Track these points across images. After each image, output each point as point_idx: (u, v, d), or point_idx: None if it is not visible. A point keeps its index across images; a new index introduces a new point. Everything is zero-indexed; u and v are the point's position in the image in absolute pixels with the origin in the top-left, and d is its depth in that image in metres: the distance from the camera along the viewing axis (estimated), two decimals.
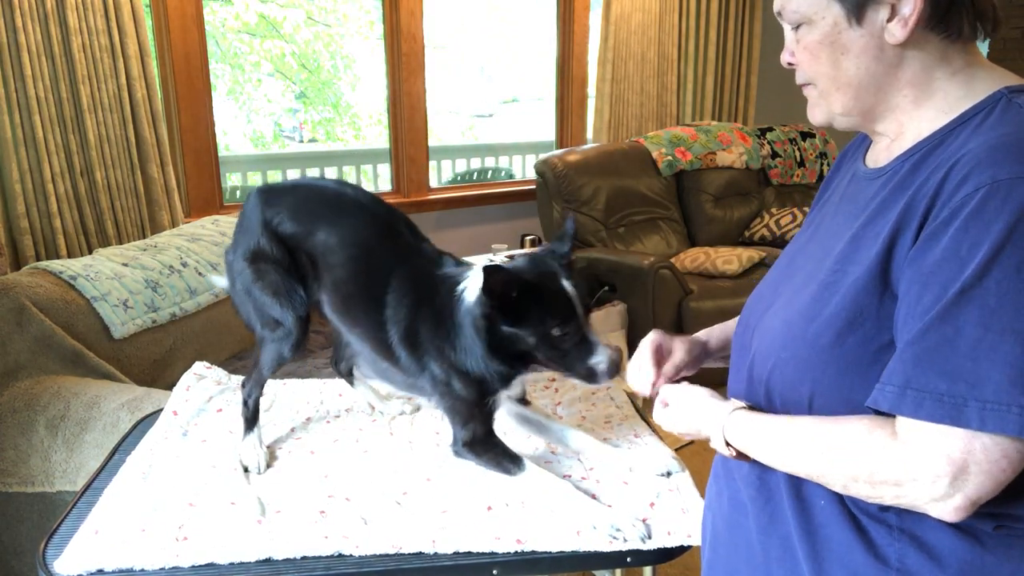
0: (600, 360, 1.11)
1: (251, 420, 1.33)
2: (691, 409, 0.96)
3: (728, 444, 0.88)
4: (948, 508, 0.68)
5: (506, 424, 1.32)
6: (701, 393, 0.98)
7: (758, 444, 0.84)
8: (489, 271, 1.05)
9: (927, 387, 0.68)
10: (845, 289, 0.78)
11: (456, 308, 1.15)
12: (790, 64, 0.89)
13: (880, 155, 0.88)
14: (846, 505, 0.80)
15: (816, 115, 0.90)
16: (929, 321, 0.69)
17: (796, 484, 0.84)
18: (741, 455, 0.88)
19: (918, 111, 0.82)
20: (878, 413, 0.73)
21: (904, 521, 0.77)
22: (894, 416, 0.72)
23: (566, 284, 1.12)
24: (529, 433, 1.32)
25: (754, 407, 0.89)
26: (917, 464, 0.69)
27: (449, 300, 1.17)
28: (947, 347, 0.68)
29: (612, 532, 1.06)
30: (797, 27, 0.85)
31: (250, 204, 1.33)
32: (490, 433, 1.20)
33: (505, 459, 1.18)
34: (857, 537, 0.79)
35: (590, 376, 1.12)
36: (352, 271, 1.24)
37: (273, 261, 1.28)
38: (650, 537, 1.07)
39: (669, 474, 1.22)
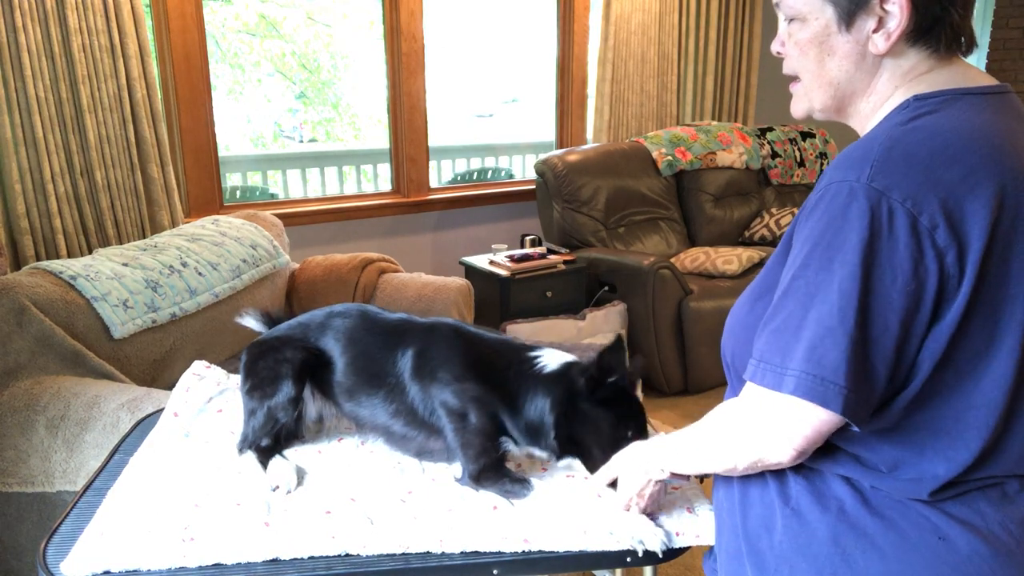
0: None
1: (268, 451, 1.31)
2: (633, 458, 1.05)
3: (661, 468, 1.00)
4: (784, 455, 0.82)
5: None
6: (633, 445, 1.07)
7: (683, 460, 0.96)
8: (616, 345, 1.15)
9: (770, 360, 0.81)
10: (763, 271, 0.94)
11: (525, 377, 1.18)
12: (779, 53, 0.96)
13: None
14: None
15: (797, 107, 0.97)
16: (776, 302, 0.83)
17: None
18: (677, 476, 1.00)
19: (872, 116, 0.91)
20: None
21: (801, 468, 0.90)
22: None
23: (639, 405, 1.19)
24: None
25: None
26: (763, 425, 0.83)
27: (515, 364, 1.20)
28: (779, 321, 0.81)
29: (633, 542, 1.05)
30: (791, 21, 0.91)
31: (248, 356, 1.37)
32: (499, 465, 1.20)
33: (512, 485, 1.18)
34: (773, 475, 0.93)
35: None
36: (356, 351, 1.30)
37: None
38: (671, 543, 1.07)
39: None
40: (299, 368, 1.28)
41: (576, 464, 1.27)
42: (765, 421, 0.82)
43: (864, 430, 0.81)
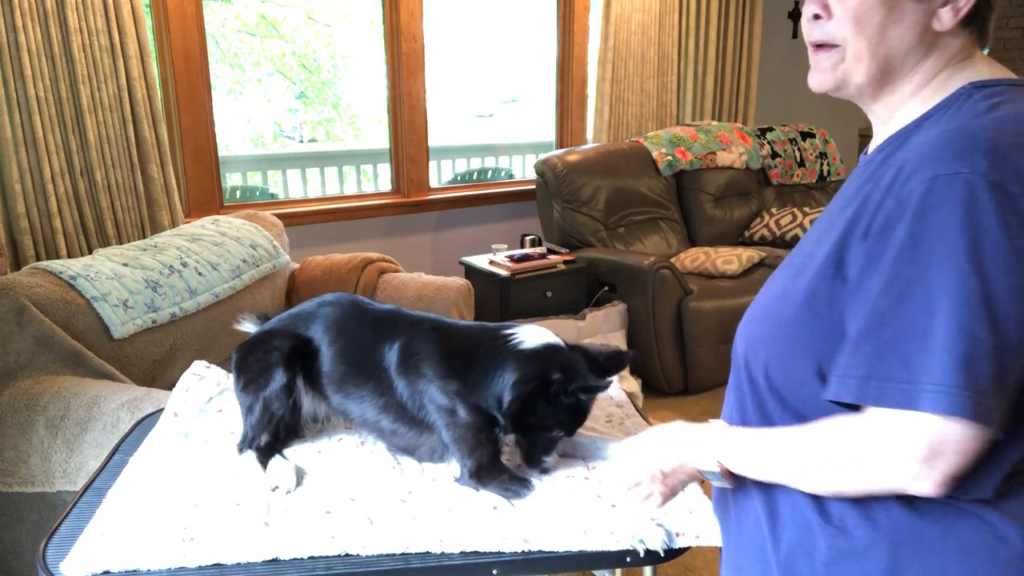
0: (547, 462, 1.21)
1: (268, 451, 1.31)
2: (671, 441, 0.95)
3: (717, 466, 0.89)
4: (928, 485, 0.72)
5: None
6: (676, 424, 0.97)
7: (750, 462, 0.86)
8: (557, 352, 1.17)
9: (887, 376, 0.72)
10: (807, 272, 0.83)
11: (498, 352, 1.20)
12: (817, 17, 0.85)
13: (874, 144, 0.90)
14: None
15: (825, 80, 0.87)
16: (882, 314, 0.73)
17: None
18: (731, 475, 0.89)
19: (910, 100, 0.84)
20: (842, 406, 0.77)
21: None
22: (859, 409, 0.75)
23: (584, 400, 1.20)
24: (564, 452, 1.31)
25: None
26: (895, 451, 0.72)
27: (489, 343, 1.21)
28: (900, 334, 0.71)
29: (634, 542, 1.05)
30: None
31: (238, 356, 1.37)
32: (495, 461, 1.20)
33: (512, 484, 1.18)
34: (807, 496, 0.84)
35: (536, 465, 1.21)
36: (345, 342, 1.30)
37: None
38: (671, 543, 1.07)
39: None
40: (288, 355, 1.28)
41: (579, 461, 1.27)
42: (899, 445, 0.72)
43: None
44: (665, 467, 0.94)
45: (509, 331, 1.22)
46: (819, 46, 0.86)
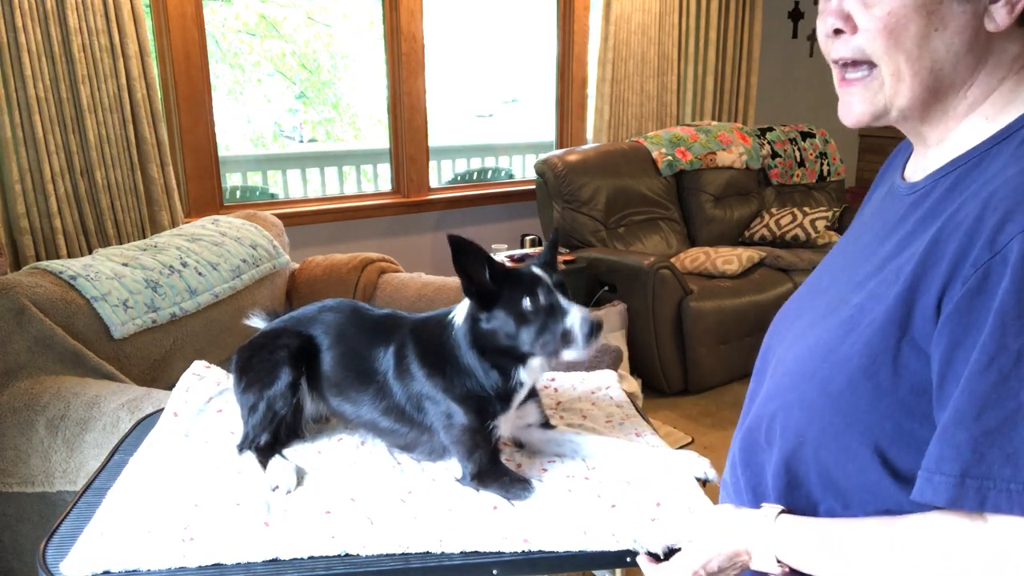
0: (571, 321, 1.09)
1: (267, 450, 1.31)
2: (721, 528, 0.80)
3: (779, 561, 0.75)
4: None
5: (532, 450, 1.31)
6: (726, 508, 0.83)
7: (824, 558, 0.71)
8: (455, 244, 1.07)
9: (989, 475, 0.59)
10: (861, 330, 0.69)
11: (450, 333, 1.20)
12: (837, 32, 0.71)
13: (917, 167, 0.77)
14: None
15: (863, 112, 0.71)
16: (983, 396, 0.59)
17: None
18: (793, 571, 0.75)
19: (968, 118, 0.70)
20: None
21: None
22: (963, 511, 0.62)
23: (534, 268, 1.15)
24: (561, 456, 1.31)
25: (792, 510, 0.76)
26: (1013, 563, 0.59)
27: (442, 328, 1.21)
28: (1008, 426, 0.58)
29: (634, 546, 1.05)
30: None
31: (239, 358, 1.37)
32: (495, 461, 1.20)
33: (513, 485, 1.18)
34: None
35: (567, 340, 1.10)
36: (345, 348, 1.30)
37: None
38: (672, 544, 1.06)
39: (706, 482, 1.21)
40: (296, 353, 1.28)
41: (579, 461, 1.27)
42: (1013, 560, 0.59)
43: None
44: (713, 567, 0.80)
45: (452, 311, 1.23)
46: (849, 64, 0.72)
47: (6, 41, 2.39)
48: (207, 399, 1.51)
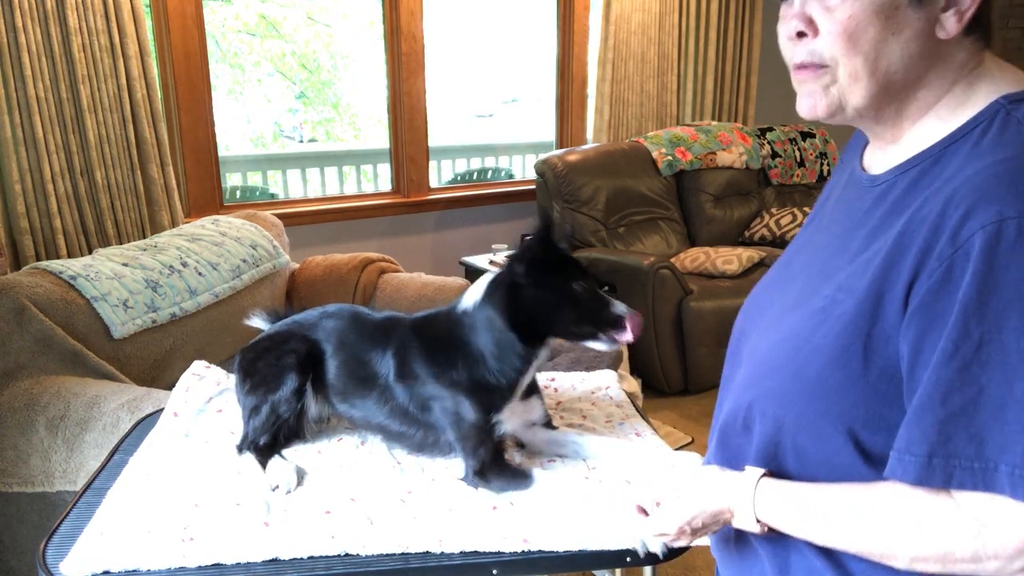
0: (621, 308, 1.14)
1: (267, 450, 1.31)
2: (707, 487, 0.84)
3: (759, 520, 0.78)
4: (1009, 571, 0.64)
5: (534, 451, 1.31)
6: (712, 469, 0.86)
7: (800, 520, 0.76)
8: (545, 218, 1.13)
9: (955, 454, 0.63)
10: (833, 321, 0.73)
11: (461, 321, 1.20)
12: (800, 35, 0.75)
13: (876, 160, 0.81)
14: None
15: (819, 106, 0.76)
16: (948, 382, 0.63)
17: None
18: (771, 530, 0.79)
19: (922, 118, 0.75)
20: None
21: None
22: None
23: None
24: (562, 457, 1.31)
25: (773, 473, 0.79)
26: (989, 538, 0.64)
27: (449, 321, 1.22)
28: (970, 409, 0.62)
29: (634, 542, 1.05)
30: None
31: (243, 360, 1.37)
32: (498, 458, 1.21)
33: (515, 477, 1.19)
34: (823, 557, 0.76)
35: (614, 324, 1.13)
36: (347, 354, 1.30)
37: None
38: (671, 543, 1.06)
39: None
40: (304, 359, 1.29)
41: (579, 460, 1.27)
42: (987, 529, 0.63)
43: None
44: (697, 524, 0.84)
45: (459, 303, 1.24)
46: (802, 67, 0.76)
47: (6, 41, 2.39)
48: (207, 399, 1.51)
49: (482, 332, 1.18)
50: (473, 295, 1.21)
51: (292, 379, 1.27)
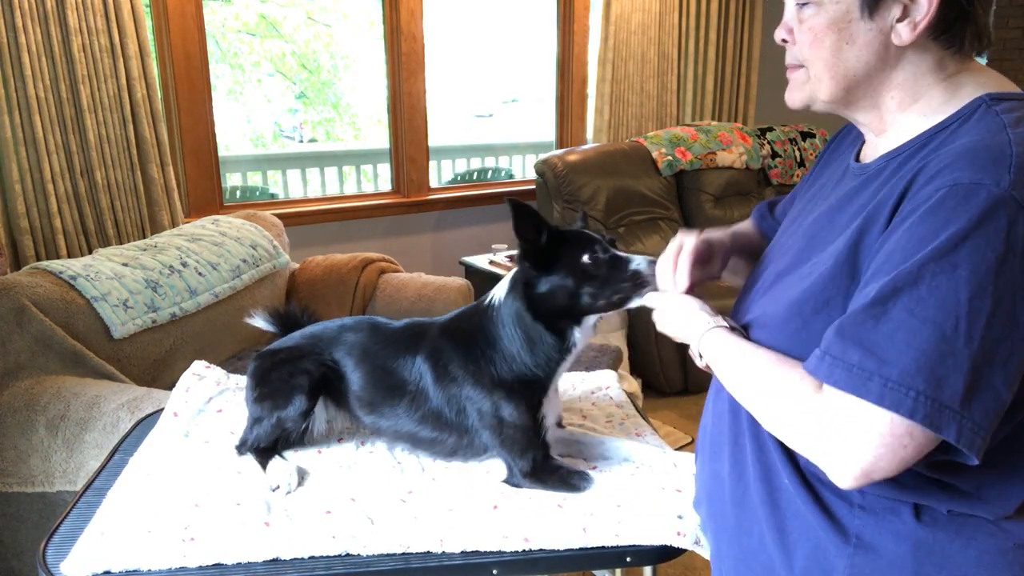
0: (638, 262, 1.15)
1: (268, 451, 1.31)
2: (680, 316, 1.04)
3: (700, 356, 0.97)
4: (844, 474, 0.72)
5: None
6: (693, 304, 1.03)
7: (721, 364, 0.92)
8: (516, 208, 1.11)
9: (842, 356, 0.72)
10: (816, 277, 0.82)
11: (490, 317, 1.20)
12: (784, 42, 0.90)
13: (868, 152, 0.92)
14: (809, 481, 0.85)
15: (796, 98, 0.92)
16: (866, 300, 0.73)
17: (764, 461, 0.89)
18: (708, 367, 0.96)
19: (902, 114, 0.85)
20: None
21: (866, 499, 0.81)
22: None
23: (585, 230, 1.19)
24: (570, 453, 1.31)
25: (736, 329, 0.94)
26: (830, 426, 0.73)
27: (479, 317, 1.22)
28: (871, 323, 0.71)
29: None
30: (804, 5, 0.85)
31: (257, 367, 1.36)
32: (548, 456, 1.20)
33: (572, 477, 1.18)
34: (819, 511, 0.83)
35: (636, 282, 1.14)
36: (371, 365, 1.30)
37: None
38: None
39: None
40: (316, 382, 1.28)
41: (579, 460, 1.27)
42: (840, 427, 0.72)
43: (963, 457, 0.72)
44: (665, 330, 1.08)
45: (487, 298, 1.24)
46: (789, 67, 0.92)
47: (6, 41, 2.39)
48: (207, 399, 1.51)
49: (512, 327, 1.18)
50: (500, 288, 1.21)
51: (300, 401, 1.26)
